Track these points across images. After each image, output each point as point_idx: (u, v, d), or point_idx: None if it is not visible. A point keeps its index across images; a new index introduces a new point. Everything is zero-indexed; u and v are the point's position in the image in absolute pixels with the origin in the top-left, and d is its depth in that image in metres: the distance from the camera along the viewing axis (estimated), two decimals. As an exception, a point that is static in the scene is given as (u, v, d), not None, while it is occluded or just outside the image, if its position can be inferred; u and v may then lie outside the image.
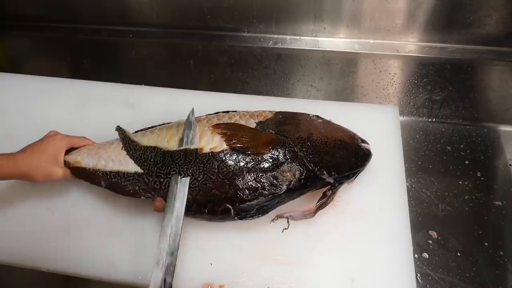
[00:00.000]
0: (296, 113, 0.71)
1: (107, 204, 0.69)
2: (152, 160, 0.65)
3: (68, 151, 0.69)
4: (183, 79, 1.03)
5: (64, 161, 0.67)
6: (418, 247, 0.69)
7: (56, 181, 0.65)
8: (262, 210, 0.61)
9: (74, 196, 0.71)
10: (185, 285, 0.60)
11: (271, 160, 0.62)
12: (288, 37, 0.95)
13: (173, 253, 0.56)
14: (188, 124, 0.68)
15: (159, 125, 0.73)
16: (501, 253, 0.68)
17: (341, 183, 0.64)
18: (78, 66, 1.07)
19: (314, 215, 0.63)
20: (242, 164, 0.61)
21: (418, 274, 0.66)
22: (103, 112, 0.82)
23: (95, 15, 1.01)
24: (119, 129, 0.72)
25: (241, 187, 0.60)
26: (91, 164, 0.67)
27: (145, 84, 0.90)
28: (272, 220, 0.65)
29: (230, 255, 0.63)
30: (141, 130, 0.73)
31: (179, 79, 1.03)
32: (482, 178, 0.78)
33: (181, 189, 0.61)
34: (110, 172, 0.65)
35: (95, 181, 0.66)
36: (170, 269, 0.55)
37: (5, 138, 0.79)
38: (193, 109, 0.71)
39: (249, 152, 0.62)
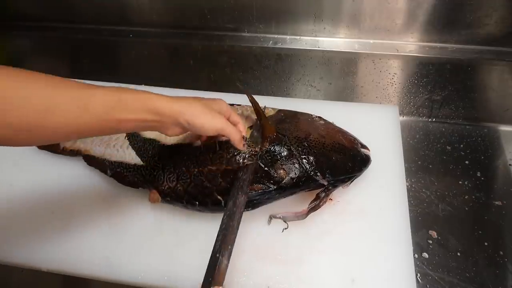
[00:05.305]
0: (298, 112, 0.71)
1: (107, 204, 0.69)
2: (150, 152, 0.67)
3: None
4: (183, 79, 1.03)
5: (77, 150, 0.72)
6: (418, 247, 0.69)
7: None
8: (252, 204, 0.61)
9: (74, 196, 0.71)
10: (185, 285, 0.60)
11: (265, 157, 0.62)
12: (288, 37, 0.94)
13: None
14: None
15: None
16: (501, 253, 0.68)
17: (335, 186, 0.63)
18: (78, 66, 1.07)
19: (306, 217, 0.62)
20: (235, 158, 0.62)
21: (418, 274, 0.66)
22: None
23: (95, 15, 1.01)
24: None
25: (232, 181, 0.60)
26: (99, 153, 0.70)
27: (145, 84, 0.90)
28: (268, 222, 0.65)
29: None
30: None
31: (179, 79, 1.03)
32: (482, 178, 0.78)
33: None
34: (115, 162, 0.68)
35: (103, 170, 0.69)
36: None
37: (5, 138, 0.79)
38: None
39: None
